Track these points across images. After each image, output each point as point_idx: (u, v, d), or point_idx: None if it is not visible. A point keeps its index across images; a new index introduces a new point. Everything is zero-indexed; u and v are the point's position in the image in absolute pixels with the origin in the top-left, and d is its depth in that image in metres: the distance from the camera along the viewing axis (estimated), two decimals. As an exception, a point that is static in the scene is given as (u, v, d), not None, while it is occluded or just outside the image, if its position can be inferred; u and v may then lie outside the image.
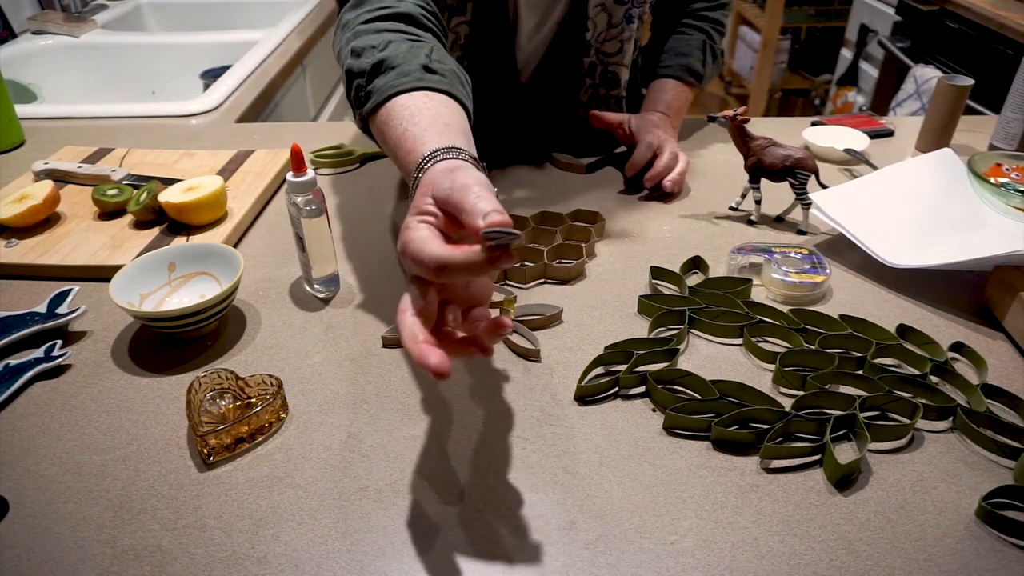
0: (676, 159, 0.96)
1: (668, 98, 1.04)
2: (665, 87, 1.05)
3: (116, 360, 0.68)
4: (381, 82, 0.67)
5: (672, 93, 1.04)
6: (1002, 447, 0.56)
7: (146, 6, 1.92)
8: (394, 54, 0.68)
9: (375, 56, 0.68)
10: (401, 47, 0.69)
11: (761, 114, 3.39)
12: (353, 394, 0.63)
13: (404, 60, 0.68)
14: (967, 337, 0.69)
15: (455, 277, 0.46)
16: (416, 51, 0.69)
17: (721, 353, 0.68)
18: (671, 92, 1.04)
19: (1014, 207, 0.80)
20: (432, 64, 0.68)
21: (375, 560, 0.49)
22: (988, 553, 0.49)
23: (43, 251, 0.81)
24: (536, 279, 0.78)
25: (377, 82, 0.67)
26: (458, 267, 0.45)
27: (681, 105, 1.06)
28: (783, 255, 0.77)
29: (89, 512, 0.53)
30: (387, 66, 0.68)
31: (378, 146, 0.70)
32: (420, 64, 0.67)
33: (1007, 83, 1.02)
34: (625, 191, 0.97)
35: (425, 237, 0.47)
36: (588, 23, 0.95)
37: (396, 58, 0.68)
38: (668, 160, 0.94)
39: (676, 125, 1.04)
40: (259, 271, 0.81)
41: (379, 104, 0.66)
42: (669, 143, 0.97)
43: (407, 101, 0.64)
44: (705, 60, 1.06)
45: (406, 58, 0.68)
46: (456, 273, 0.46)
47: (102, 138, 1.12)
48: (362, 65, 0.69)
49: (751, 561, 0.49)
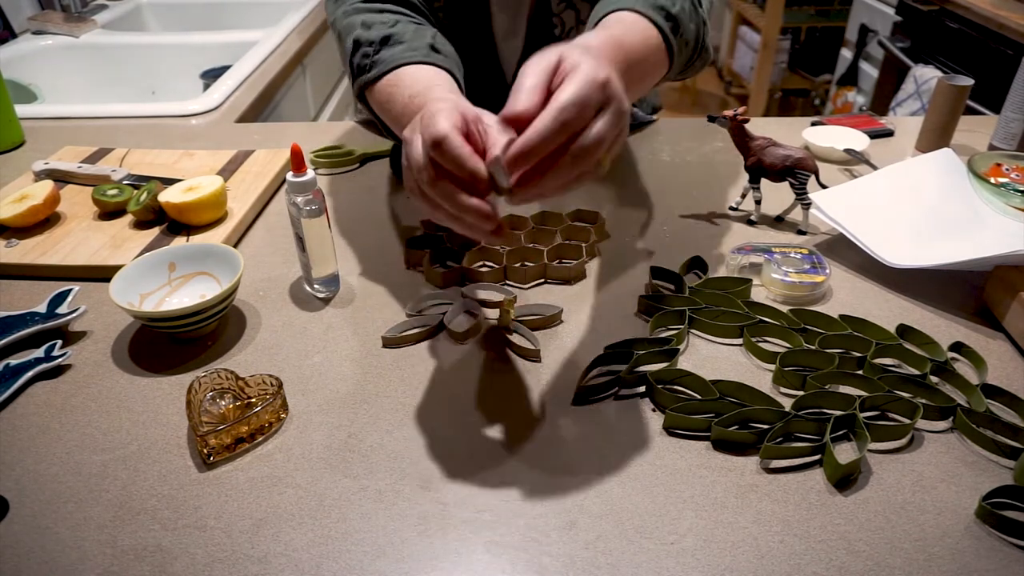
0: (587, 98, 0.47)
1: (613, 30, 0.65)
2: (608, 21, 0.69)
3: (116, 360, 0.68)
4: (388, 53, 0.72)
5: (621, 27, 0.67)
6: (1002, 447, 0.56)
7: (146, 6, 1.92)
8: (403, 31, 0.74)
9: (385, 30, 0.74)
10: (409, 27, 0.75)
11: (761, 114, 3.39)
12: (353, 394, 0.63)
13: (412, 37, 0.73)
14: (967, 337, 0.69)
15: (445, 161, 0.48)
16: (423, 32, 0.75)
17: (721, 353, 0.68)
18: (618, 25, 0.68)
19: (1014, 207, 0.80)
20: (437, 45, 0.73)
21: (375, 560, 0.49)
22: (988, 553, 0.49)
23: (43, 251, 0.81)
24: (536, 279, 0.78)
25: (384, 53, 0.72)
26: (452, 155, 0.47)
27: (635, 45, 0.65)
28: (783, 255, 0.77)
29: (89, 512, 0.53)
30: (396, 40, 0.73)
31: (369, 113, 0.76)
32: (427, 43, 0.72)
33: (1007, 83, 1.02)
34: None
35: (451, 118, 0.49)
36: (555, 19, 0.94)
37: (405, 35, 0.73)
38: (576, 94, 0.46)
39: (620, 63, 0.59)
40: (259, 271, 0.81)
41: (385, 72, 0.71)
42: (585, 61, 0.48)
43: (416, 70, 0.69)
44: (679, 3, 0.72)
45: (414, 36, 0.73)
46: (449, 159, 0.48)
47: (102, 138, 1.11)
48: (371, 36, 0.74)
49: (751, 561, 0.49)
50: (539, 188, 0.48)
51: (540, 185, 0.48)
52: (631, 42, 0.64)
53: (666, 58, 0.71)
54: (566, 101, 0.45)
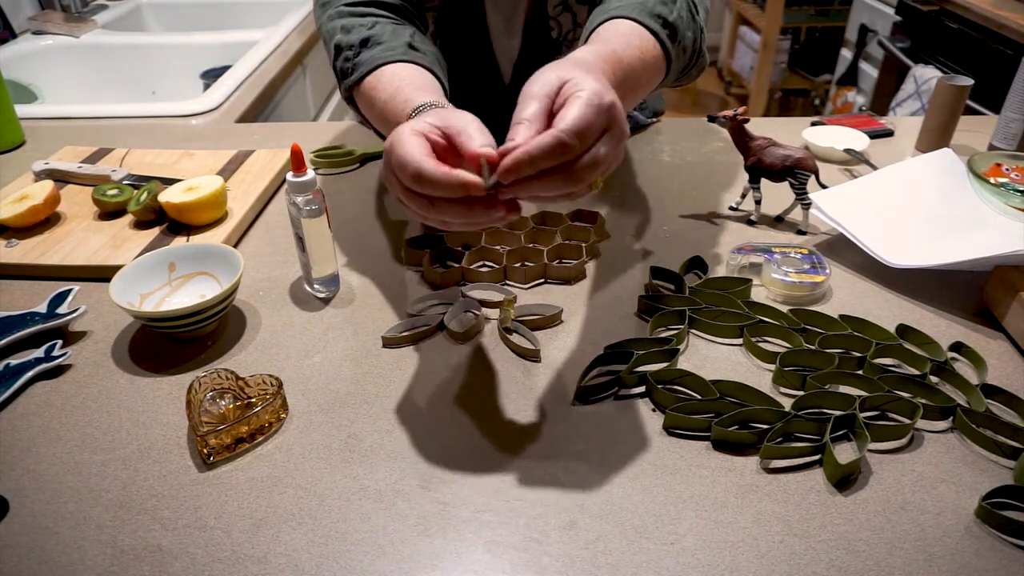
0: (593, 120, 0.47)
1: (611, 43, 0.64)
2: (605, 30, 0.68)
3: (116, 360, 0.68)
4: (368, 55, 0.73)
5: (618, 38, 0.65)
6: (1002, 447, 0.56)
7: (146, 6, 1.92)
8: (381, 32, 0.75)
9: (363, 33, 0.75)
10: (387, 27, 0.77)
11: (761, 114, 3.39)
12: (353, 394, 0.63)
13: (391, 38, 0.74)
14: (967, 337, 0.69)
15: (429, 190, 0.48)
16: (401, 32, 0.76)
17: (721, 353, 0.68)
18: (615, 36, 0.66)
19: (1014, 207, 0.80)
20: (415, 44, 0.74)
21: (375, 560, 0.49)
22: (988, 553, 0.49)
23: (43, 251, 0.81)
24: (536, 279, 0.78)
25: (364, 55, 0.74)
26: (437, 183, 0.47)
27: (632, 56, 0.64)
28: (783, 255, 0.77)
29: (89, 512, 0.53)
30: (374, 42, 0.74)
31: (361, 115, 0.77)
32: (405, 42, 0.74)
33: (1007, 83, 1.02)
34: None
35: (415, 146, 0.49)
36: (551, 22, 0.94)
37: (383, 35, 0.75)
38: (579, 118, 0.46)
39: (616, 77, 0.59)
40: (259, 271, 0.81)
41: (367, 73, 0.72)
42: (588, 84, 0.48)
43: (396, 69, 0.71)
44: (676, 11, 0.71)
45: (392, 36, 0.75)
46: (432, 187, 0.47)
47: (102, 138, 1.11)
48: (351, 40, 0.76)
49: (751, 561, 0.49)
50: (527, 191, 0.47)
51: (528, 189, 0.47)
52: (628, 55, 0.64)
53: (663, 65, 0.70)
54: (568, 127, 0.45)
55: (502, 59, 0.99)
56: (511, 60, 0.99)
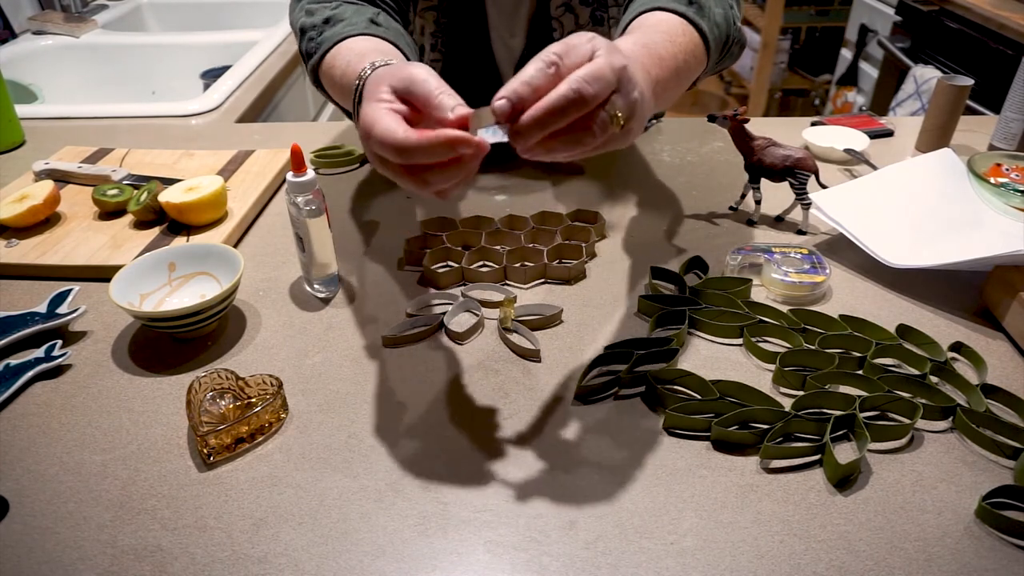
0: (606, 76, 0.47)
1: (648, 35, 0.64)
2: (643, 23, 0.68)
3: (116, 360, 0.68)
4: (329, 32, 0.75)
5: (656, 32, 0.65)
6: (1002, 447, 0.56)
7: (146, 6, 1.92)
8: (343, 11, 0.77)
9: (327, 12, 0.77)
10: (350, 8, 0.78)
11: (761, 114, 3.38)
12: (353, 394, 0.63)
13: (353, 15, 0.76)
14: (967, 337, 0.69)
15: (417, 159, 0.48)
16: (364, 11, 0.77)
17: (721, 353, 0.68)
18: (651, 29, 0.66)
19: (1014, 207, 0.80)
20: (379, 20, 0.76)
21: (375, 560, 0.49)
22: (988, 553, 0.49)
23: (43, 251, 0.81)
24: (536, 279, 0.78)
25: (326, 33, 0.75)
26: (422, 150, 0.47)
27: (670, 48, 0.64)
28: (783, 255, 0.77)
29: (89, 512, 0.53)
30: (336, 20, 0.76)
31: (327, 96, 0.77)
32: (367, 19, 0.75)
33: (1007, 83, 1.02)
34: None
35: (391, 122, 0.49)
36: (553, 23, 0.94)
37: (345, 13, 0.76)
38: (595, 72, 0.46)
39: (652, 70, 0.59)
40: (259, 271, 0.81)
41: (327, 50, 0.73)
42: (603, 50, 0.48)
43: (352, 43, 0.72)
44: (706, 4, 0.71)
45: (355, 14, 0.76)
46: (419, 155, 0.48)
47: (102, 138, 1.11)
48: (314, 21, 0.77)
49: (751, 561, 0.49)
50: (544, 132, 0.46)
51: (544, 129, 0.46)
52: (667, 50, 0.63)
53: (704, 54, 0.71)
54: (584, 74, 0.45)
55: (503, 60, 0.99)
56: (512, 61, 0.99)
